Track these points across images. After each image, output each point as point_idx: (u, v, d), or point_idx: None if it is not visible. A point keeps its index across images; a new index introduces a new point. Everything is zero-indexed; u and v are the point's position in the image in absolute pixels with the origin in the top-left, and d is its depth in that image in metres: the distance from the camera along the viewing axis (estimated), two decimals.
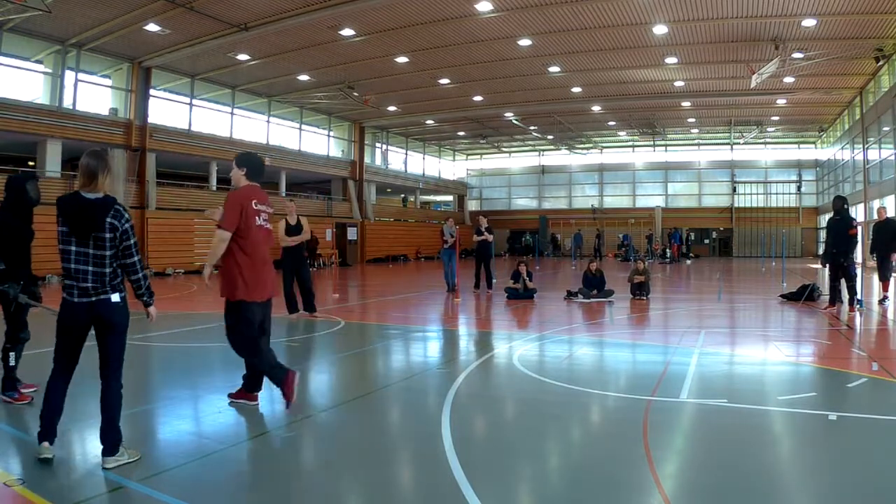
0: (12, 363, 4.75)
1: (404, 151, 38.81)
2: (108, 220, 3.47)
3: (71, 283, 3.47)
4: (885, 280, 11.48)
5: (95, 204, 3.48)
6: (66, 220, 3.46)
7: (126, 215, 3.57)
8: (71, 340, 3.54)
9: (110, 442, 3.49)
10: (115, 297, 3.52)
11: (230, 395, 4.87)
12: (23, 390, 4.83)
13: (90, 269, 3.46)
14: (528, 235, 42.69)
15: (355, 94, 25.77)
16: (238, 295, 4.56)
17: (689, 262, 31.84)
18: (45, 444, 3.48)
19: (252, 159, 4.83)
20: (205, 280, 4.74)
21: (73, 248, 3.46)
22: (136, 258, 3.61)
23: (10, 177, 4.95)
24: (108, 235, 3.48)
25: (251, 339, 4.62)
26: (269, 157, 27.55)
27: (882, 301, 11.24)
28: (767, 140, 37.76)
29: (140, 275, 3.65)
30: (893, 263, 11.19)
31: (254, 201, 4.60)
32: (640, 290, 12.53)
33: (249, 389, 4.84)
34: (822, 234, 20.60)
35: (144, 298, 3.75)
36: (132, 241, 3.58)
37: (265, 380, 4.85)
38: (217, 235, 4.55)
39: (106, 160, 3.59)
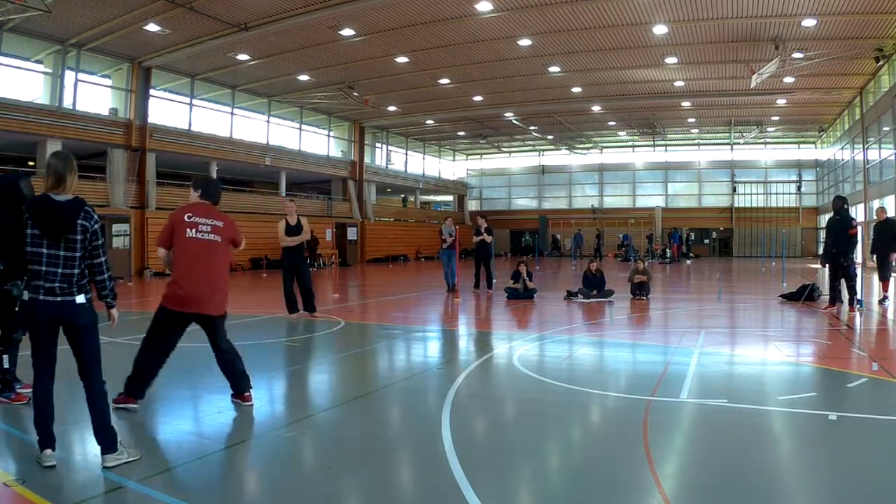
0: (6, 365, 4.72)
1: (404, 151, 38.80)
2: (80, 221, 3.50)
3: (39, 283, 3.48)
4: (885, 280, 11.49)
5: (65, 206, 3.49)
6: (37, 223, 3.46)
7: (95, 216, 3.60)
8: (43, 339, 3.53)
9: (106, 440, 3.50)
10: (81, 299, 3.54)
11: (232, 395, 4.89)
12: (22, 391, 4.82)
13: (59, 270, 3.48)
14: (528, 235, 42.69)
15: (355, 94, 25.75)
16: (162, 298, 4.73)
17: (689, 262, 31.83)
18: (48, 451, 3.46)
19: (205, 182, 5.02)
20: None
21: (45, 251, 3.47)
22: (103, 258, 3.63)
23: (3, 176, 4.93)
24: (79, 237, 3.51)
25: (148, 340, 4.70)
26: (269, 157, 27.60)
27: (882, 301, 11.24)
28: (767, 140, 37.74)
29: (106, 276, 3.67)
30: (893, 263, 11.20)
31: (187, 214, 4.71)
32: (640, 290, 12.54)
33: (239, 390, 4.85)
34: (822, 234, 20.57)
35: (108, 300, 3.77)
36: (100, 242, 3.62)
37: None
38: None
39: (72, 161, 3.61)
